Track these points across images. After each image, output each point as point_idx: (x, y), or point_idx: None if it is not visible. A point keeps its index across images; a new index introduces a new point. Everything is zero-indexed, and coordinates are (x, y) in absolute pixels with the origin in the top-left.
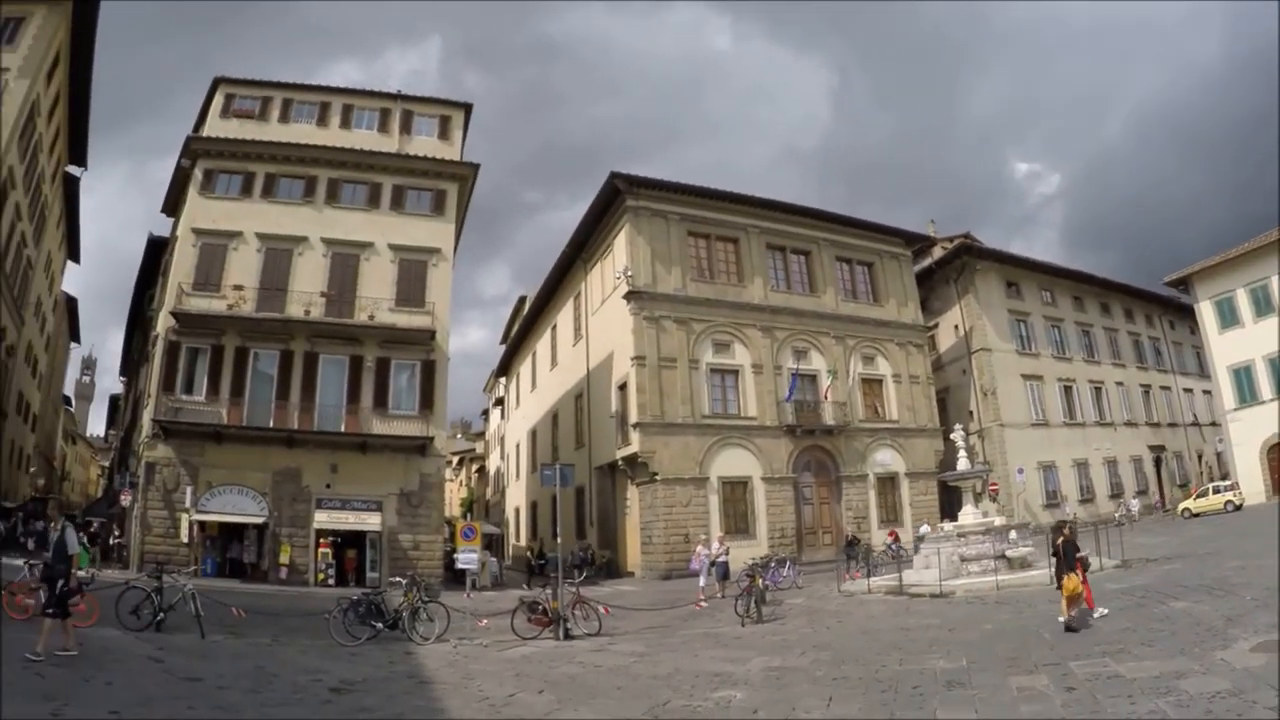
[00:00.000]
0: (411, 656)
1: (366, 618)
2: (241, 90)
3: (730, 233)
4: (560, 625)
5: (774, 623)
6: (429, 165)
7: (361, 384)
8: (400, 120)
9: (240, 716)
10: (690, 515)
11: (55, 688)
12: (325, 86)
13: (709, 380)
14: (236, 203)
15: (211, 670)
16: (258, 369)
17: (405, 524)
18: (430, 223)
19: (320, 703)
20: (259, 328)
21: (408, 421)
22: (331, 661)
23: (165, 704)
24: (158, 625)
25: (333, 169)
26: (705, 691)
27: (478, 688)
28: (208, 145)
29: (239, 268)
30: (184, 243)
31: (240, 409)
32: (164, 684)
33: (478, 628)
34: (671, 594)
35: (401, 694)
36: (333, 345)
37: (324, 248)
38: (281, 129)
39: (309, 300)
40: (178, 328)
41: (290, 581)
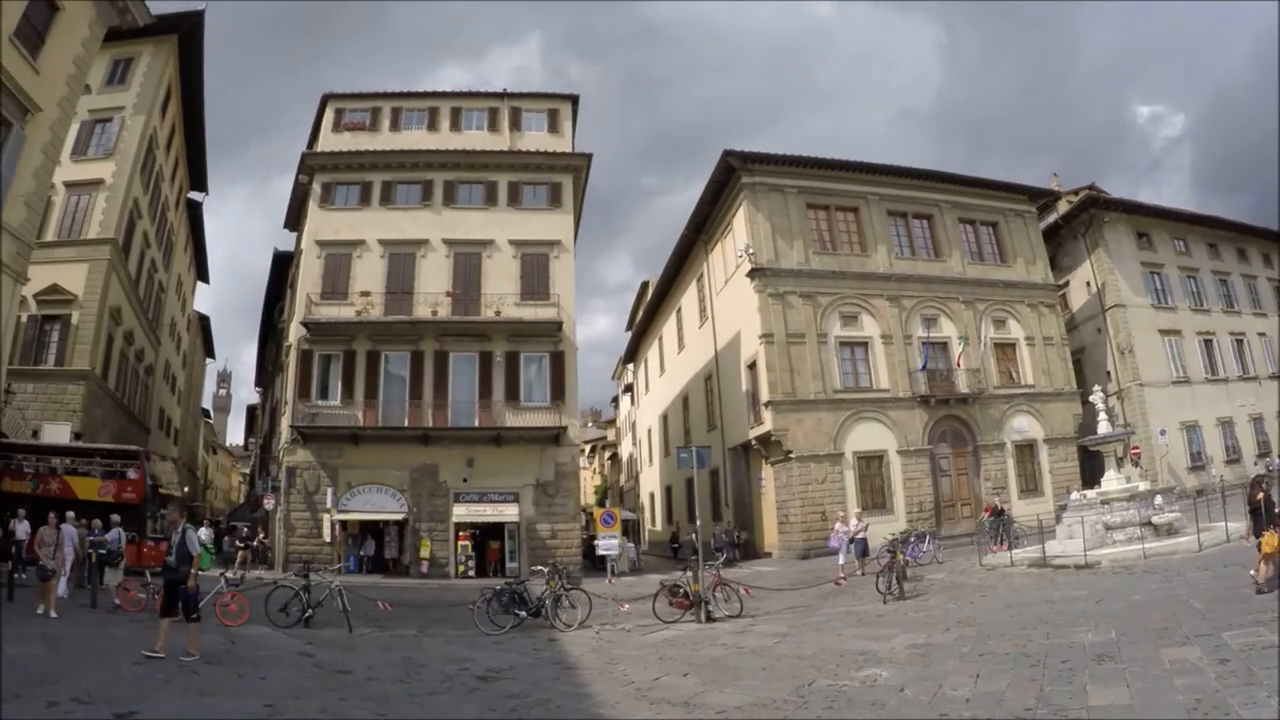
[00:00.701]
0: (555, 643)
1: (510, 606)
2: (350, 104)
3: (849, 202)
4: (702, 608)
5: (916, 599)
6: (541, 159)
7: (492, 379)
8: (509, 117)
9: (391, 706)
10: (826, 492)
11: (210, 684)
12: (432, 92)
13: (838, 354)
14: (356, 212)
15: (360, 663)
16: (389, 371)
17: (542, 514)
18: (548, 216)
19: (468, 691)
20: (388, 331)
21: (540, 413)
22: (477, 650)
23: (318, 696)
24: (306, 621)
25: (447, 171)
26: (850, 670)
27: (622, 672)
28: (323, 160)
29: (364, 274)
30: (309, 255)
31: (375, 410)
32: (315, 677)
33: (619, 613)
34: (810, 573)
35: (548, 680)
36: (461, 343)
37: (446, 248)
38: (393, 137)
39: (435, 301)
40: (309, 336)
41: (431, 575)
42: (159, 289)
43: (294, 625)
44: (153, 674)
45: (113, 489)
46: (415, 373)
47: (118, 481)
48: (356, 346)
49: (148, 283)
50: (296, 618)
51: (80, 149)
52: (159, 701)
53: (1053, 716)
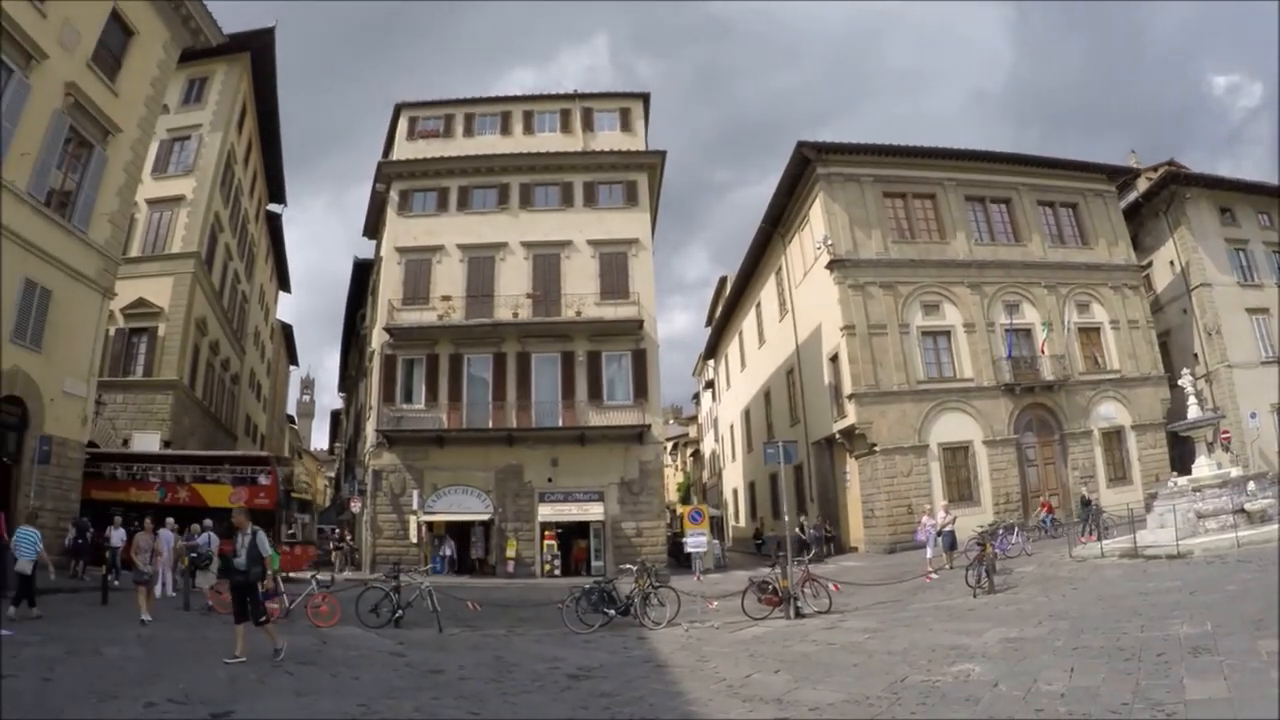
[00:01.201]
0: (645, 641)
1: (599, 605)
2: (423, 112)
3: (926, 189)
4: (791, 604)
5: (1006, 592)
6: (615, 158)
7: (575, 378)
8: (581, 118)
9: (484, 705)
10: (912, 485)
11: (304, 684)
12: (504, 96)
13: (921, 344)
14: (434, 218)
15: (452, 662)
16: (472, 373)
17: (627, 512)
18: (625, 214)
19: (560, 689)
20: (470, 334)
21: (623, 411)
22: (567, 649)
23: (411, 695)
24: (396, 622)
25: (523, 174)
26: (942, 666)
27: (713, 669)
28: (398, 168)
29: (445, 279)
30: (389, 262)
31: (459, 413)
32: (408, 677)
33: (708, 610)
34: (898, 567)
35: (639, 678)
36: (543, 343)
37: (524, 251)
38: (467, 143)
39: (516, 303)
40: (392, 341)
41: (517, 575)
42: (242, 299)
43: (384, 626)
44: (246, 674)
45: (244, 495)
46: (498, 374)
47: (249, 487)
48: (439, 350)
49: (231, 294)
50: (387, 618)
51: (160, 167)
52: (254, 701)
53: (1150, 711)
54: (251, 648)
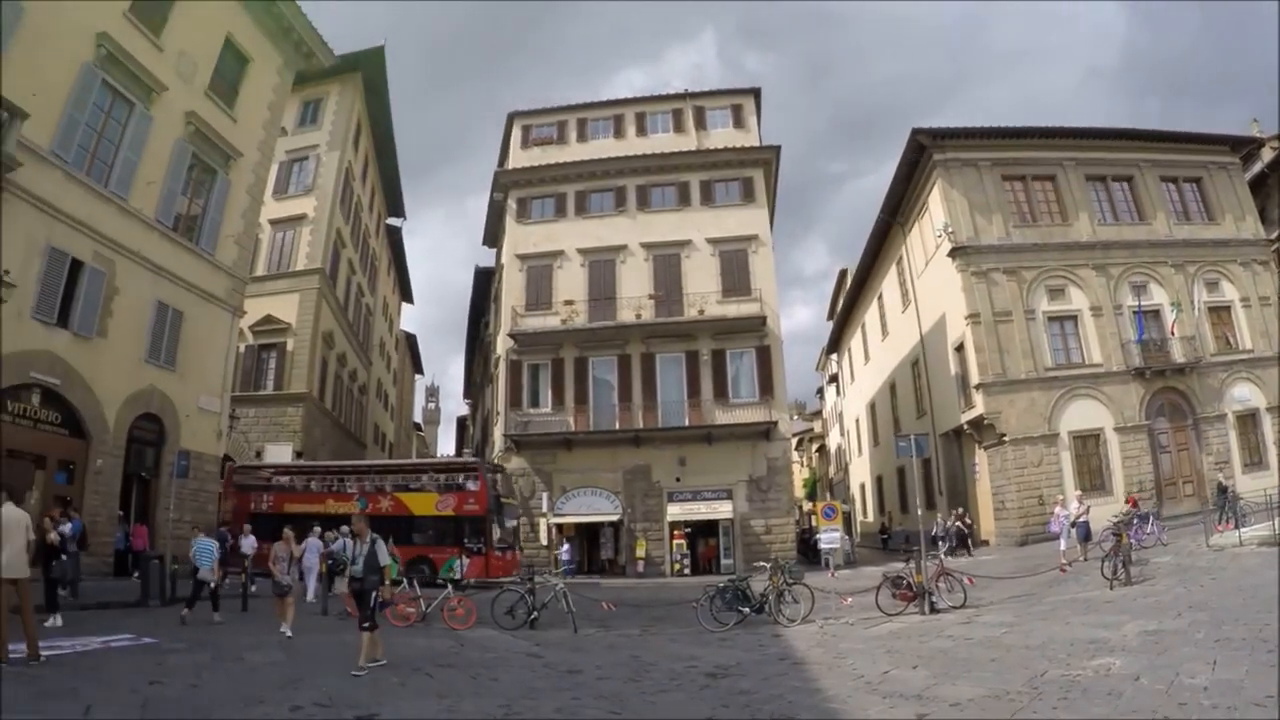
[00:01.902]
0: (780, 639)
1: (733, 603)
2: (536, 120)
3: (1045, 170)
4: (925, 599)
5: (1143, 584)
6: (730, 155)
7: (700, 377)
8: (693, 117)
9: (625, 705)
10: (1042, 475)
11: (445, 686)
12: (615, 100)
13: (1047, 329)
14: (553, 224)
15: (589, 662)
16: (597, 376)
17: (756, 509)
18: (742, 211)
19: (699, 688)
20: (593, 337)
21: (749, 408)
22: (702, 648)
23: (550, 696)
24: (532, 623)
25: (638, 176)
26: (1082, 660)
27: (850, 666)
28: (515, 176)
29: (566, 284)
30: (510, 269)
31: (586, 415)
32: (546, 678)
33: (842, 606)
34: (1031, 559)
35: (776, 676)
36: (667, 343)
37: (644, 252)
38: (581, 148)
39: (638, 304)
40: (517, 347)
41: (647, 574)
42: (367, 312)
43: (520, 627)
44: (387, 678)
45: (453, 502)
46: (623, 376)
47: (457, 494)
48: (563, 354)
49: (356, 307)
50: (523, 620)
51: (281, 188)
52: (397, 703)
53: None
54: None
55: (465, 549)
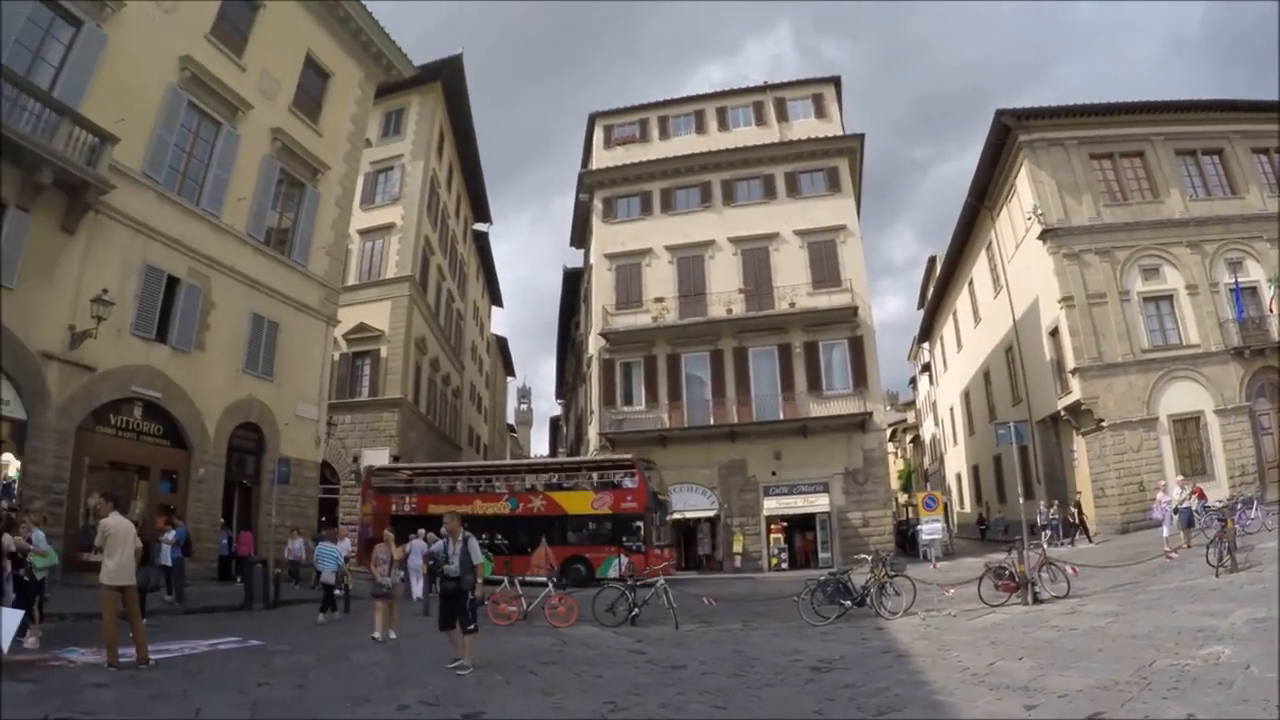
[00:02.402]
0: (883, 631)
1: (834, 597)
2: (617, 119)
3: (1133, 146)
4: (1028, 589)
5: (1249, 570)
6: (814, 146)
7: (793, 370)
8: (775, 108)
9: (730, 700)
10: (1142, 460)
11: (549, 683)
12: (695, 95)
13: (1143, 310)
14: (640, 222)
15: (692, 658)
16: (690, 372)
17: (853, 502)
18: (829, 201)
19: (803, 682)
20: (685, 333)
21: (843, 400)
22: (805, 642)
23: (655, 692)
24: (633, 620)
25: (723, 170)
26: (1190, 649)
27: (955, 658)
28: (600, 177)
29: (655, 281)
30: (599, 268)
31: (680, 411)
32: (650, 673)
33: (944, 598)
34: (1132, 547)
35: (881, 669)
36: (758, 337)
37: (732, 247)
38: (664, 145)
39: (728, 299)
40: (609, 346)
41: (744, 569)
42: (457, 316)
43: (621, 624)
44: (491, 676)
45: (609, 499)
46: (716, 371)
47: (614, 491)
48: (656, 351)
49: (447, 312)
50: (624, 616)
51: (368, 198)
52: (503, 700)
53: None
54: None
55: (624, 547)
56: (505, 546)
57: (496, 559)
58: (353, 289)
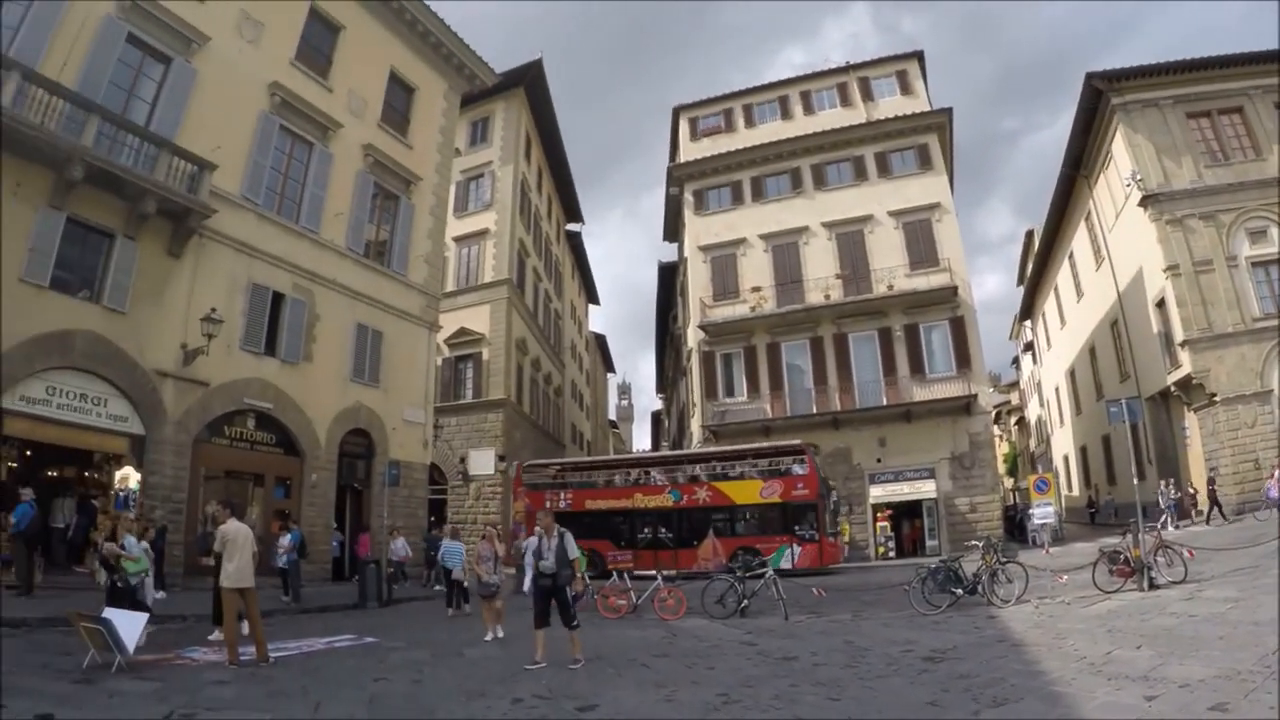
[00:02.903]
0: (995, 620)
1: (945, 585)
2: (701, 111)
3: (1231, 102)
4: (1144, 574)
5: None
6: (901, 124)
7: (894, 354)
8: (859, 88)
9: (843, 691)
10: (1257, 436)
11: (661, 676)
12: (778, 81)
13: (1252, 276)
14: (731, 212)
15: (803, 649)
16: (790, 361)
17: (959, 487)
18: (921, 179)
19: (917, 672)
20: (783, 321)
21: (946, 383)
22: (917, 631)
23: (767, 683)
24: (742, 611)
25: (811, 155)
26: None
27: (1071, 647)
28: (688, 170)
29: (751, 271)
30: (694, 261)
31: (781, 401)
32: (761, 665)
33: (1057, 584)
34: (1249, 529)
35: (996, 658)
36: (858, 322)
37: (826, 232)
38: (750, 133)
39: (825, 285)
40: (707, 338)
41: (851, 558)
42: (556, 316)
43: (731, 616)
44: (603, 669)
45: (779, 487)
46: (816, 358)
47: (784, 479)
48: (755, 341)
49: (545, 312)
50: (733, 608)
51: (461, 206)
52: (616, 694)
53: None
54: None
55: (796, 536)
56: (670, 540)
57: (662, 553)
58: (452, 295)
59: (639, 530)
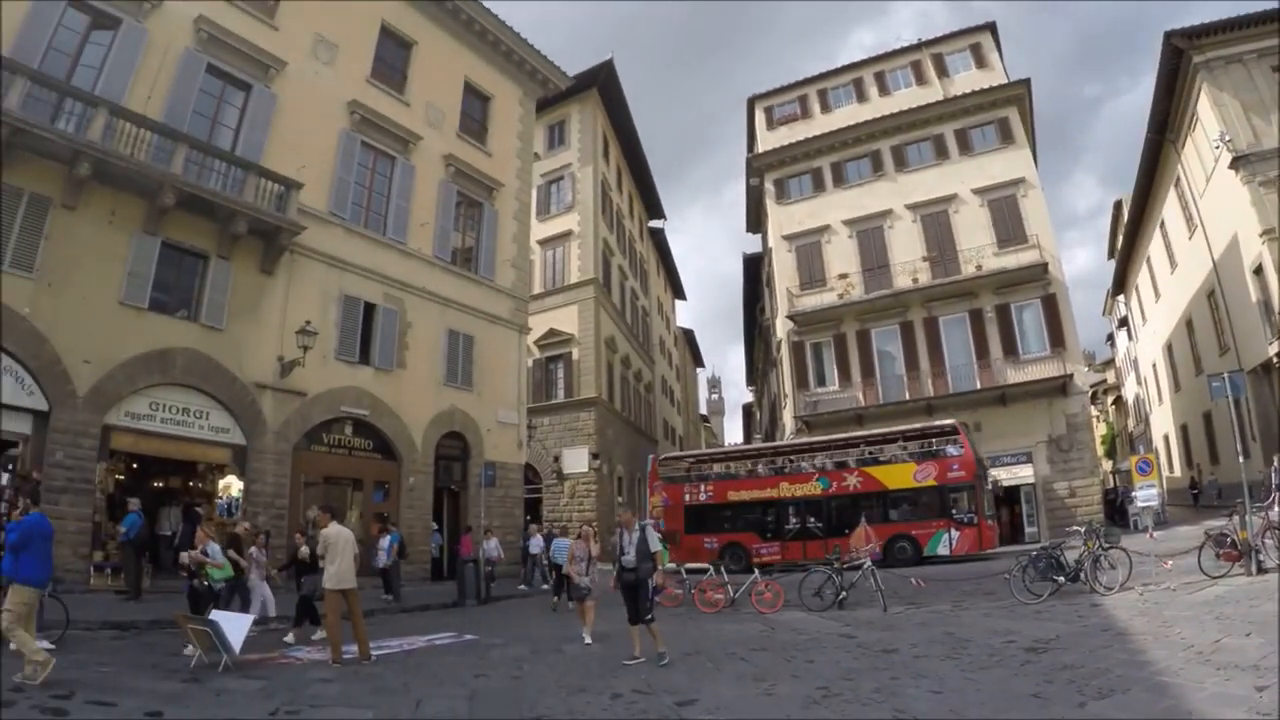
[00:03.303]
0: (1098, 608)
1: (1047, 572)
2: (775, 100)
3: None
4: (1252, 558)
5: None
6: (979, 99)
7: (986, 336)
8: (933, 65)
9: (945, 684)
10: None
11: (760, 669)
12: (851, 64)
13: None
14: (813, 200)
15: (903, 640)
16: (880, 347)
17: (1057, 471)
18: (1003, 155)
19: (1019, 664)
20: (872, 307)
21: (1041, 364)
22: (1018, 621)
23: (868, 676)
24: (840, 604)
25: (890, 137)
26: None
27: (1178, 635)
28: (766, 160)
29: (837, 257)
30: (778, 251)
31: (874, 389)
32: (861, 657)
33: (1161, 570)
34: None
35: (1100, 648)
36: (947, 305)
37: (910, 213)
38: (826, 119)
39: (913, 268)
40: (796, 328)
41: None
42: (643, 313)
43: (829, 608)
44: (702, 663)
45: (933, 470)
46: (907, 344)
47: (938, 461)
48: (844, 329)
49: (632, 310)
50: (831, 600)
51: (543, 209)
52: (715, 687)
53: None
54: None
55: (953, 520)
56: (819, 529)
57: (810, 544)
58: (539, 297)
59: (786, 520)
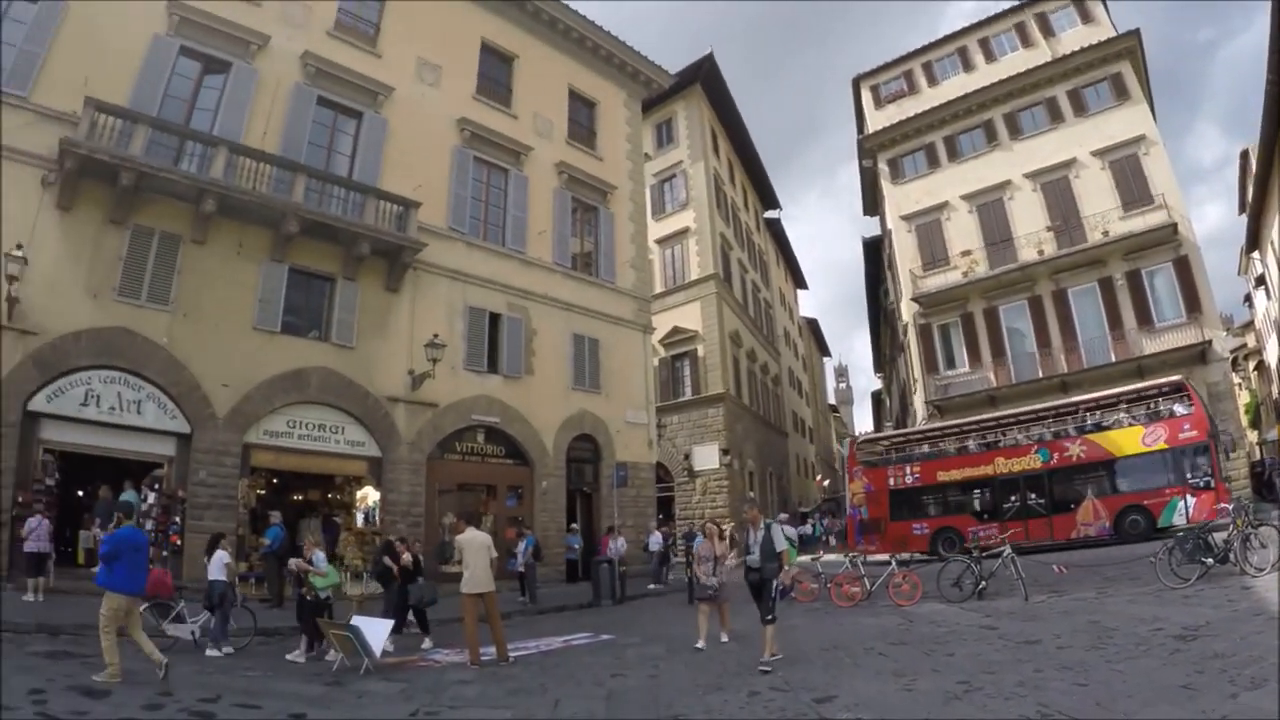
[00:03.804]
0: (1250, 591)
1: (1194, 555)
2: (881, 78)
3: None
4: None
5: None
6: (1089, 55)
7: (1117, 305)
8: (1038, 25)
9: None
10: None
11: (899, 664)
12: (953, 34)
13: None
14: (929, 177)
15: (1045, 631)
16: (1009, 325)
17: None
18: (1120, 112)
19: (1168, 653)
20: (998, 284)
21: (1176, 331)
22: (1165, 607)
23: (1010, 669)
24: (980, 594)
25: (1001, 104)
26: None
27: None
28: (878, 139)
29: (957, 234)
30: (898, 232)
31: (1005, 368)
32: (1002, 650)
33: None
34: None
35: (1252, 635)
36: (1075, 276)
37: (1029, 183)
38: (934, 92)
39: (1037, 240)
40: (922, 311)
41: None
42: (765, 305)
43: (968, 599)
44: (840, 659)
45: (1163, 432)
46: (1036, 319)
47: (1168, 422)
48: (971, 308)
49: (754, 303)
50: (970, 591)
51: (658, 208)
52: (854, 683)
53: None
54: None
55: (1189, 486)
56: (1041, 507)
57: (1032, 522)
58: (661, 296)
59: (1003, 499)
